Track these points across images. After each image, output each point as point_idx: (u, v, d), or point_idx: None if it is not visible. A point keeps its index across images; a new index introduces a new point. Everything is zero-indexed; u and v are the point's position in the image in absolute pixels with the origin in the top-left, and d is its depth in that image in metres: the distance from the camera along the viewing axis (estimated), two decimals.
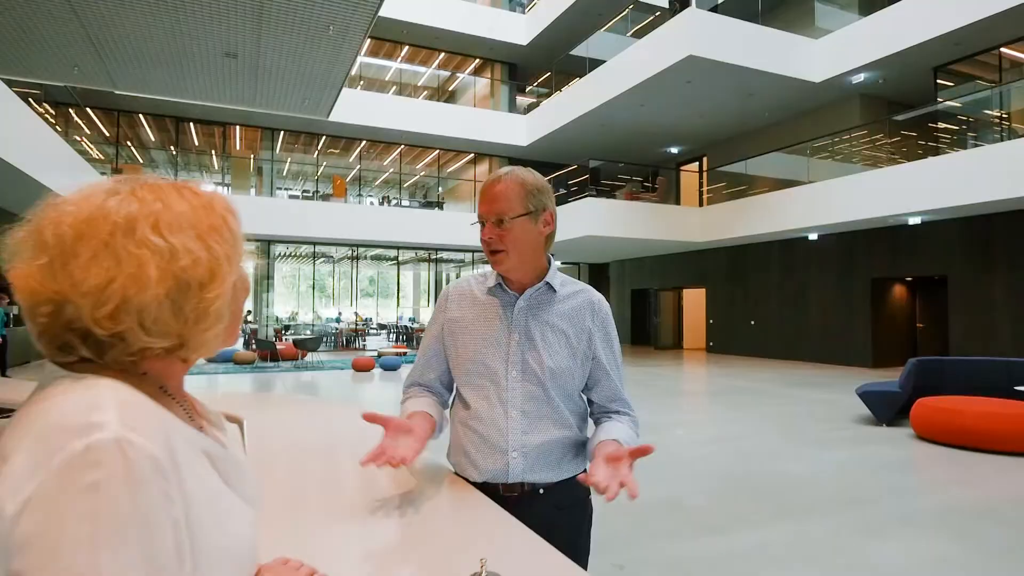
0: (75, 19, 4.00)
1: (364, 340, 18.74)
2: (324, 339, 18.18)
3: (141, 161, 18.52)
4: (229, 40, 4.29)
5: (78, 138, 16.12)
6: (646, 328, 20.01)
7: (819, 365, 13.33)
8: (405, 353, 15.19)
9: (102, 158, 16.27)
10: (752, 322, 15.65)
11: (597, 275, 23.43)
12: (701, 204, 16.04)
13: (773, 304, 15.06)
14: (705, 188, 16.31)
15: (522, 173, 1.36)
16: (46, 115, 13.85)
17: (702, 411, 8.17)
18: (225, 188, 18.20)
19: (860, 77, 12.04)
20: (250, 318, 18.62)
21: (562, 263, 22.44)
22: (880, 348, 12.81)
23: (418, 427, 1.29)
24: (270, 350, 13.36)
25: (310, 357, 14.17)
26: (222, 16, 3.95)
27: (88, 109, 15.28)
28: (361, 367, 11.93)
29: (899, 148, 11.93)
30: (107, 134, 16.11)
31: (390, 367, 12.09)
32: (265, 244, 16.88)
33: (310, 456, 1.68)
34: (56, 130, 14.11)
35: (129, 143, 17.49)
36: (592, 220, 14.22)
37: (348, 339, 18.30)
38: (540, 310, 1.37)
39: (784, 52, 12.10)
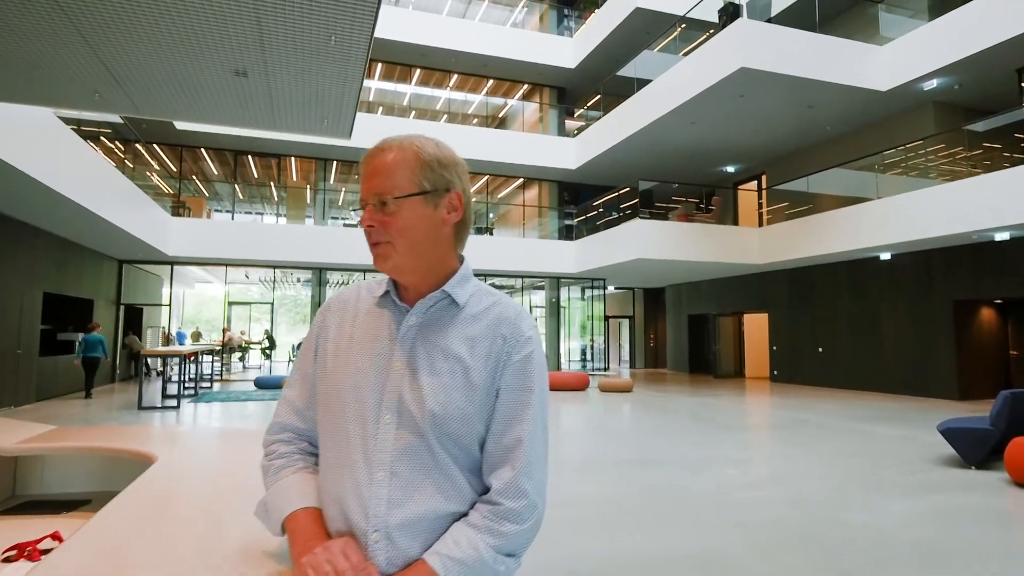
0: (86, 46, 3.99)
1: None
2: None
3: (207, 194, 19.34)
4: (236, 59, 4.20)
5: (148, 173, 16.99)
6: (705, 356, 19.06)
7: (896, 397, 12.18)
8: None
9: (171, 192, 17.05)
10: (820, 349, 14.57)
11: (652, 300, 22.66)
12: (761, 224, 15.21)
13: (842, 330, 13.98)
14: (765, 208, 15.48)
15: (419, 141, 1.00)
16: (115, 151, 14.66)
17: (756, 447, 7.45)
18: (281, 218, 18.75)
19: (932, 83, 11.12)
20: None
21: (615, 288, 21.85)
22: (967, 379, 11.57)
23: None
24: None
25: None
26: (224, 33, 3.85)
27: (155, 145, 16.07)
28: None
29: (980, 160, 10.89)
30: (173, 168, 16.88)
31: None
32: (318, 272, 17.16)
33: (218, 499, 1.38)
34: (127, 165, 14.92)
35: (194, 177, 18.30)
36: (643, 243, 13.71)
37: None
38: (435, 330, 0.99)
39: (846, 60, 11.35)
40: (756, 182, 16.60)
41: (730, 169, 16.85)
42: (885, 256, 12.70)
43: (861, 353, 13.49)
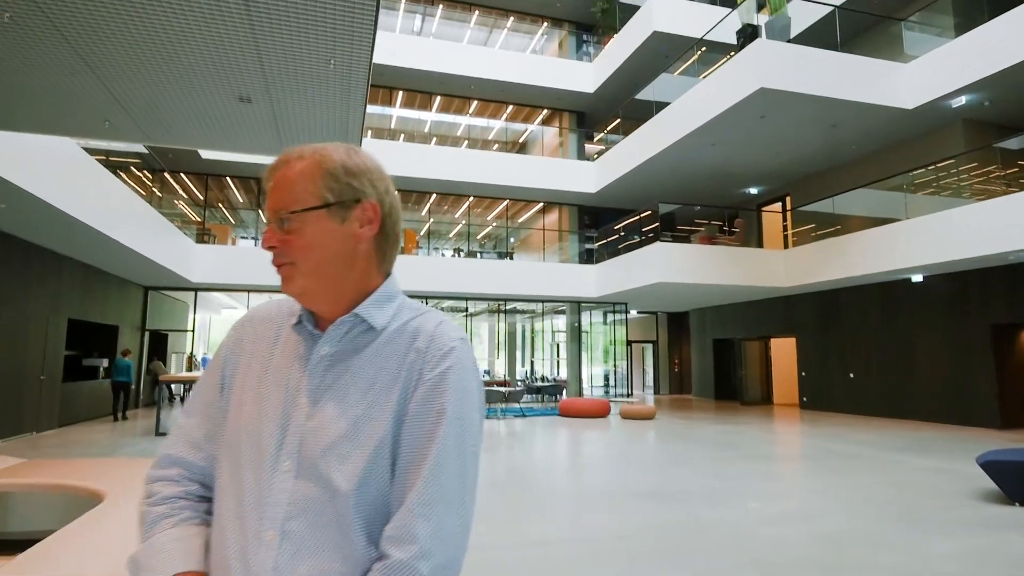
0: (92, 75, 4.04)
1: None
2: None
3: (233, 222, 19.70)
4: (239, 86, 4.20)
5: (176, 201, 17.39)
6: (731, 381, 18.57)
7: (933, 425, 11.62)
8: None
9: (199, 220, 17.39)
10: (851, 375, 14.06)
11: (676, 325, 22.28)
12: (786, 246, 14.88)
13: (874, 355, 13.47)
14: (790, 230, 15.15)
15: (325, 148, 0.88)
16: (144, 180, 15.05)
17: (782, 479, 7.11)
18: None
19: (961, 100, 10.80)
20: None
21: (637, 312, 21.52)
22: (1009, 406, 11.00)
23: None
24: None
25: None
26: (225, 59, 3.85)
27: (181, 174, 16.45)
28: None
29: (1016, 178, 10.48)
30: (200, 197, 17.24)
31: None
32: None
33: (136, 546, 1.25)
34: (156, 194, 15.30)
35: (220, 205, 18.67)
36: (664, 266, 13.48)
37: None
38: (348, 360, 0.86)
39: (869, 78, 11.12)
40: (780, 204, 16.29)
41: (753, 191, 16.57)
42: (917, 278, 12.26)
43: (894, 379, 12.97)
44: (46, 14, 3.39)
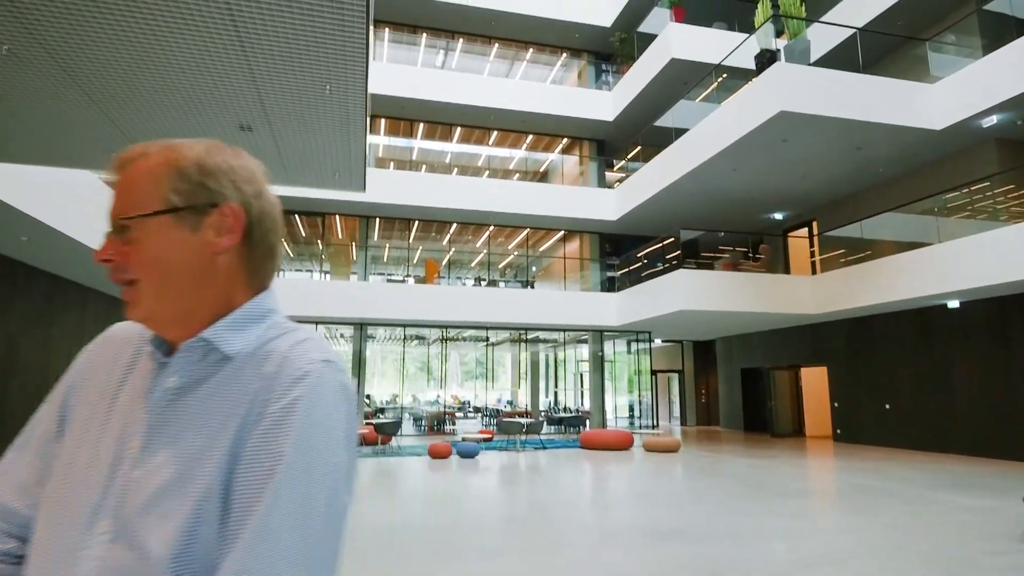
0: (95, 107, 4.08)
1: (453, 424, 18.35)
2: (418, 422, 18.09)
3: None
4: (240, 114, 4.21)
5: None
6: (760, 412, 17.95)
7: (973, 460, 10.97)
8: (490, 438, 14.50)
9: None
10: (887, 406, 13.44)
11: (702, 353, 21.77)
12: (813, 272, 14.46)
13: (909, 385, 12.88)
14: (817, 256, 14.75)
15: (179, 143, 0.75)
16: None
17: (812, 517, 6.70)
18: (325, 275, 19.12)
19: (992, 120, 10.44)
20: None
21: (662, 340, 21.09)
22: None
23: None
24: None
25: (393, 442, 13.86)
26: (223, 88, 3.85)
27: None
28: (438, 454, 11.37)
29: None
30: None
31: (467, 454, 11.43)
32: (360, 328, 17.24)
33: None
34: None
35: None
36: (686, 294, 13.18)
37: (439, 422, 17.97)
38: (193, 394, 0.71)
39: (894, 100, 10.84)
40: (807, 229, 15.90)
41: (778, 216, 16.23)
42: (953, 304, 11.74)
43: (932, 410, 12.34)
44: (44, 47, 3.42)
